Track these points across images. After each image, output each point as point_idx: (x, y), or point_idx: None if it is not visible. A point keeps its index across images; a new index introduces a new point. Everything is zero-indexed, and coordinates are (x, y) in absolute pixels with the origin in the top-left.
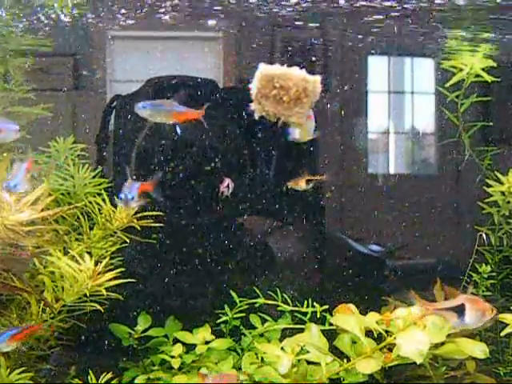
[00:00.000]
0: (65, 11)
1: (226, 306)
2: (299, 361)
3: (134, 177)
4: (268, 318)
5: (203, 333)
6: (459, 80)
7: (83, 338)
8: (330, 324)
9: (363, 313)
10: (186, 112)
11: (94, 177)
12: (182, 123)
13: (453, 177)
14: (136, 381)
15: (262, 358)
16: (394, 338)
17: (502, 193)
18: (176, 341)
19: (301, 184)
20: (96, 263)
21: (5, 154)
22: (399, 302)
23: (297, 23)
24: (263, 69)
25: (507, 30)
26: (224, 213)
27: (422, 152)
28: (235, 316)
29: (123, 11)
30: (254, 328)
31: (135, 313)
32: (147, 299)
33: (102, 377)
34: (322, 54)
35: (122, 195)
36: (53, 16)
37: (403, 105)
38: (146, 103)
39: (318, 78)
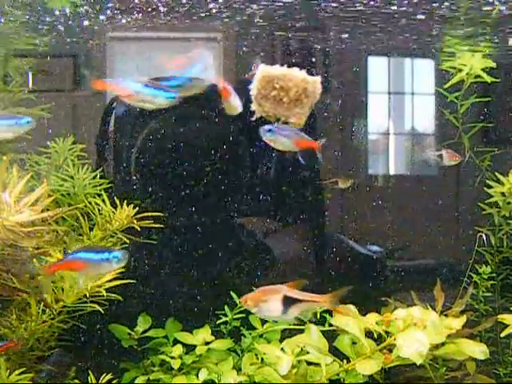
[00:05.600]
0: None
1: (225, 307)
2: (299, 362)
3: (134, 177)
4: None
5: (203, 334)
6: (459, 80)
7: (83, 338)
8: (330, 325)
9: (363, 313)
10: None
11: (93, 177)
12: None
13: (453, 177)
14: (136, 381)
15: (262, 359)
16: (394, 339)
17: (503, 194)
18: (176, 342)
19: (340, 182)
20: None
21: (4, 158)
22: (399, 302)
23: (296, 23)
24: (263, 70)
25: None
26: (224, 214)
27: (421, 153)
28: (235, 317)
29: (123, 12)
30: (254, 329)
31: (135, 313)
32: (147, 300)
33: (101, 378)
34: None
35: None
36: (52, 16)
37: (403, 105)
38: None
39: (317, 79)
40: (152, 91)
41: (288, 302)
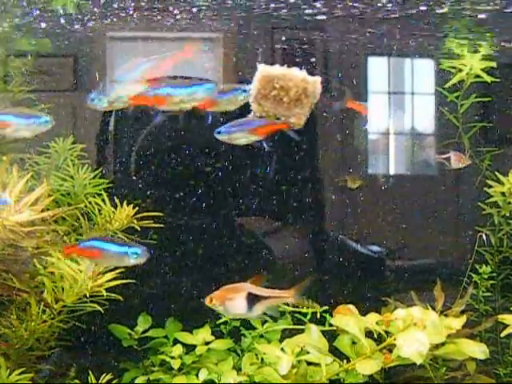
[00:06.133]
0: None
1: None
2: (299, 361)
3: (134, 177)
4: (268, 318)
5: (203, 334)
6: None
7: (83, 338)
8: (330, 325)
9: (363, 313)
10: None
11: (93, 177)
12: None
13: (453, 178)
14: (136, 381)
15: (262, 359)
16: (394, 339)
17: (503, 193)
18: (176, 341)
19: (350, 182)
20: (96, 263)
21: (4, 158)
22: (399, 302)
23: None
24: (263, 69)
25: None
26: (223, 213)
27: (421, 153)
28: None
29: (123, 12)
30: (254, 329)
31: (135, 313)
32: (146, 300)
33: (101, 377)
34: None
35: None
36: (52, 16)
37: (403, 105)
38: None
39: (318, 79)
40: (188, 89)
41: (253, 299)
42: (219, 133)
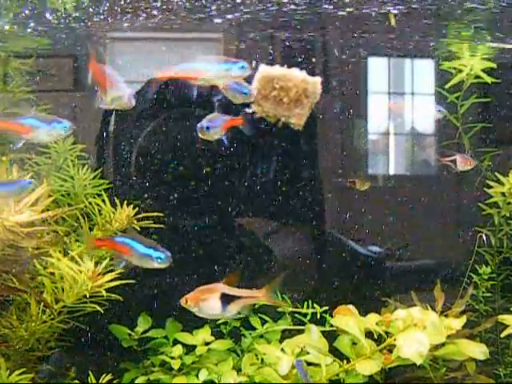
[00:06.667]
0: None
1: None
2: None
3: (134, 177)
4: (268, 319)
5: (203, 334)
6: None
7: (83, 338)
8: (330, 325)
9: (363, 314)
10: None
11: (93, 178)
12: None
13: (453, 178)
14: (136, 382)
15: (262, 359)
16: (394, 339)
17: (503, 194)
18: (176, 342)
19: (358, 184)
20: (96, 264)
21: (4, 158)
22: (399, 303)
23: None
24: (263, 70)
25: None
26: (223, 214)
27: (421, 153)
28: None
29: (123, 12)
30: (254, 329)
31: (135, 314)
32: (146, 300)
33: (101, 378)
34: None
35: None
36: (52, 16)
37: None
38: None
39: (318, 79)
40: (223, 66)
41: (226, 299)
42: (208, 128)
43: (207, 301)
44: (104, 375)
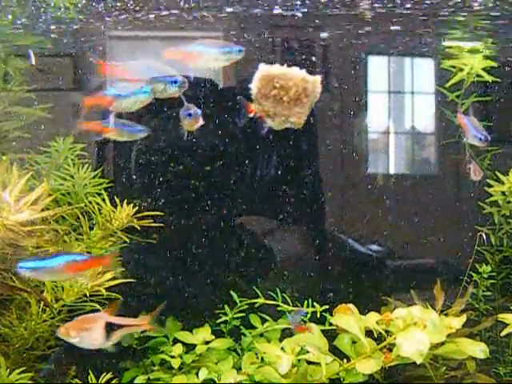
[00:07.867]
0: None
1: (225, 306)
2: (299, 361)
3: (134, 177)
4: (268, 317)
5: (203, 333)
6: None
7: None
8: (330, 324)
9: (363, 313)
10: None
11: (93, 177)
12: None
13: (453, 177)
14: (136, 381)
15: (262, 358)
16: (394, 338)
17: (503, 193)
18: (176, 341)
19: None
20: None
21: (4, 158)
22: (399, 301)
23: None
24: (263, 69)
25: None
26: (223, 213)
27: (421, 152)
28: (235, 316)
29: (123, 11)
30: (254, 328)
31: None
32: (147, 299)
33: (101, 377)
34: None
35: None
36: (52, 16)
37: (403, 105)
38: None
39: (318, 78)
40: (221, 49)
41: (110, 328)
42: (189, 115)
43: (90, 330)
44: (104, 374)
